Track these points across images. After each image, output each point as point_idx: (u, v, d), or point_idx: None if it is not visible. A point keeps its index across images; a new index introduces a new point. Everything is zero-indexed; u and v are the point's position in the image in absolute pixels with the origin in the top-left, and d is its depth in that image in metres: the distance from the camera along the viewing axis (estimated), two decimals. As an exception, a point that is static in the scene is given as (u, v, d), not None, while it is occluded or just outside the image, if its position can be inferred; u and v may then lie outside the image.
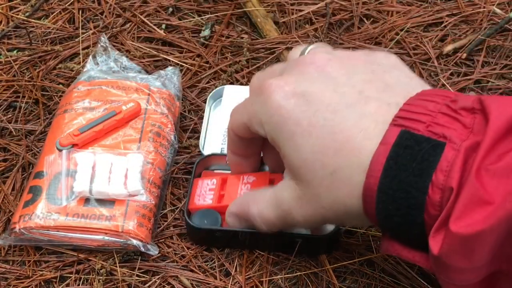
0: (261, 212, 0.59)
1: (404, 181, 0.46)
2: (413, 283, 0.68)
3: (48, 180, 0.73)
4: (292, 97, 0.52)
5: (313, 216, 0.54)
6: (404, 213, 0.47)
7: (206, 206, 0.67)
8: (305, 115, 0.51)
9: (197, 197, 0.68)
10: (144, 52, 0.92)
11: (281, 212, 0.57)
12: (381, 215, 0.48)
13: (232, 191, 0.66)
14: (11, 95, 0.88)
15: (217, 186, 0.68)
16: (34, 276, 0.70)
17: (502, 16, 0.94)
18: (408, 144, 0.46)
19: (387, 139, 0.47)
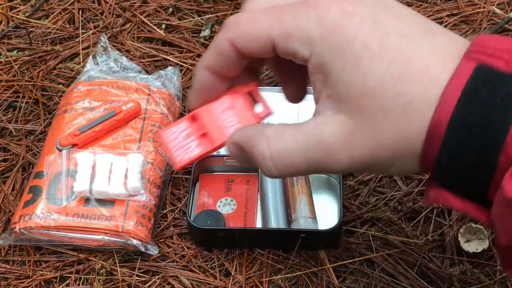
0: (279, 153, 0.46)
1: (486, 116, 0.41)
2: (413, 283, 0.68)
3: (48, 180, 0.73)
4: (355, 15, 0.44)
5: (362, 157, 0.45)
6: (478, 153, 0.41)
7: (198, 156, 0.49)
8: (375, 37, 0.44)
9: (177, 152, 0.50)
10: (144, 52, 0.92)
11: (316, 153, 0.46)
12: (445, 155, 0.42)
13: (214, 123, 0.50)
14: (11, 95, 0.88)
15: (191, 127, 0.50)
16: (34, 276, 0.70)
17: (502, 16, 0.94)
18: (488, 78, 0.41)
19: (461, 71, 0.42)
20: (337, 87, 0.45)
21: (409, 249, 0.70)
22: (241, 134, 0.49)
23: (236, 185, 0.75)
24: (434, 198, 0.45)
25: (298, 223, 0.69)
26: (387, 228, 0.72)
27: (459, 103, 0.41)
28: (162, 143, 0.51)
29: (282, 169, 0.47)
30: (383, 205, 0.74)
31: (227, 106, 0.50)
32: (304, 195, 0.71)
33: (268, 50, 0.47)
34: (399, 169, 0.46)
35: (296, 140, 0.46)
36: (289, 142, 0.46)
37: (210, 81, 0.50)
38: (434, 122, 0.42)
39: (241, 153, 0.49)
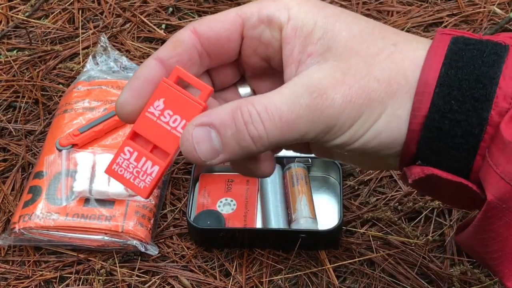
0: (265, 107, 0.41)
1: (474, 72, 0.41)
2: (413, 283, 0.68)
3: (48, 180, 0.73)
4: None
5: (356, 94, 0.41)
6: (469, 108, 0.41)
7: (159, 175, 0.44)
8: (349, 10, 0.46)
9: (136, 181, 0.44)
10: (144, 52, 0.92)
11: (307, 97, 0.41)
12: (436, 114, 0.41)
13: (159, 134, 0.44)
14: (11, 95, 0.88)
15: (136, 149, 0.44)
16: (34, 276, 0.70)
17: (502, 16, 0.94)
18: (468, 42, 0.42)
19: (440, 38, 0.43)
20: (321, 40, 0.43)
21: (410, 249, 0.70)
22: (207, 113, 0.42)
23: (236, 185, 0.75)
24: (419, 172, 0.43)
25: (298, 223, 0.69)
26: (387, 228, 0.72)
27: (446, 62, 0.41)
28: (116, 180, 0.45)
29: (271, 125, 0.41)
30: (383, 205, 0.74)
31: (162, 107, 0.43)
32: (304, 195, 0.71)
33: (234, 30, 0.44)
34: (390, 118, 0.42)
35: (282, 93, 0.42)
36: (275, 96, 0.42)
37: (154, 71, 0.44)
38: (422, 80, 0.42)
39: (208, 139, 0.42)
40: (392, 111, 0.42)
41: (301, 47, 0.43)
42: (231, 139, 0.41)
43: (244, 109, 0.41)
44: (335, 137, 0.43)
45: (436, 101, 0.41)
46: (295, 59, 0.43)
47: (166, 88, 0.43)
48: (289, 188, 0.72)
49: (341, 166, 0.74)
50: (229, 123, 0.41)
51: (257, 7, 0.44)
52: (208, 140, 0.41)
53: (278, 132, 0.41)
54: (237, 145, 0.41)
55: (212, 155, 0.42)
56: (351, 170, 0.77)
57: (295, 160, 0.74)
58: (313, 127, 0.42)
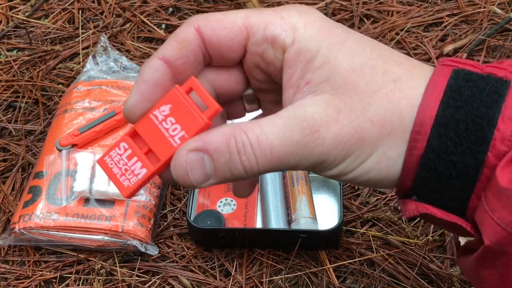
0: (257, 138, 0.41)
1: (472, 113, 0.40)
2: (413, 284, 0.68)
3: (48, 180, 0.73)
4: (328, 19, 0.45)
5: (348, 135, 0.42)
6: (465, 150, 0.41)
7: (144, 178, 0.43)
8: (355, 32, 0.45)
9: (122, 177, 0.44)
10: (144, 52, 0.92)
11: (298, 132, 0.41)
12: (431, 154, 0.41)
13: (156, 139, 0.43)
14: (11, 95, 0.88)
15: (132, 147, 0.44)
16: (34, 276, 0.70)
17: (502, 16, 0.94)
18: (469, 78, 0.42)
19: (440, 72, 0.42)
20: (321, 69, 0.43)
21: (410, 249, 0.70)
22: (201, 137, 0.42)
23: (236, 185, 0.75)
24: (413, 209, 0.43)
25: (298, 223, 0.69)
26: (387, 228, 0.72)
27: (444, 100, 0.41)
28: (104, 171, 0.44)
29: (262, 157, 0.42)
30: (384, 205, 0.74)
31: (167, 113, 0.43)
32: (304, 195, 0.71)
33: (238, 41, 0.44)
34: (380, 159, 0.42)
35: (275, 124, 0.42)
36: (268, 127, 0.42)
37: (162, 74, 0.43)
38: (419, 119, 0.41)
39: (201, 164, 0.41)
40: (382, 152, 0.42)
41: (301, 73, 0.43)
42: (224, 166, 0.42)
43: (238, 138, 0.41)
44: (325, 170, 0.43)
45: (432, 142, 0.41)
46: (294, 84, 0.43)
47: (176, 96, 0.42)
48: (289, 188, 0.72)
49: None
50: (223, 150, 0.41)
51: (264, 23, 0.43)
52: (201, 166, 0.41)
53: (268, 164, 0.42)
54: (229, 172, 0.42)
55: (203, 180, 0.42)
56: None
57: (295, 160, 0.74)
58: (302, 161, 0.42)
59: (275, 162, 0.42)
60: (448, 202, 0.43)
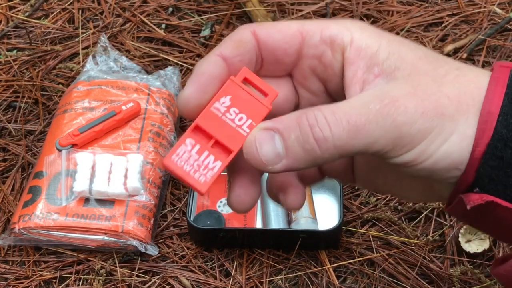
0: (335, 110, 0.40)
1: None
2: (413, 284, 0.68)
3: (47, 180, 0.73)
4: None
5: (429, 106, 0.41)
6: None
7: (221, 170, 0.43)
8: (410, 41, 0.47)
9: (196, 174, 0.43)
10: (144, 52, 0.92)
11: (380, 103, 0.40)
12: (498, 142, 0.41)
13: (224, 131, 0.43)
14: (11, 95, 0.88)
15: (198, 142, 0.43)
16: (33, 277, 0.70)
17: (502, 16, 0.94)
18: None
19: (499, 71, 0.43)
20: (387, 61, 0.42)
21: (410, 249, 0.70)
22: (272, 120, 0.41)
23: (236, 185, 0.75)
24: (478, 199, 0.42)
25: (298, 223, 0.69)
26: (387, 228, 0.72)
27: (508, 92, 0.41)
28: (174, 171, 0.42)
29: (337, 127, 0.40)
30: (384, 205, 0.74)
31: (228, 104, 0.43)
32: (304, 195, 0.71)
33: (293, 45, 0.44)
34: (461, 138, 0.41)
35: (350, 102, 0.41)
36: (343, 104, 0.41)
37: (220, 68, 0.43)
38: (485, 110, 0.41)
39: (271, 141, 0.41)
40: (463, 130, 0.41)
41: (366, 68, 0.42)
42: (295, 142, 0.40)
43: (310, 113, 0.40)
44: (403, 151, 0.41)
45: (500, 130, 0.41)
46: (360, 79, 0.42)
47: (233, 86, 0.43)
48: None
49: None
50: (294, 126, 0.40)
51: (320, 27, 0.44)
52: (271, 143, 0.41)
53: (345, 135, 0.40)
54: (301, 148, 0.40)
55: (275, 159, 0.41)
56: (351, 170, 0.77)
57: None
58: (383, 134, 0.40)
59: (353, 132, 0.40)
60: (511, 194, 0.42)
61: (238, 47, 0.44)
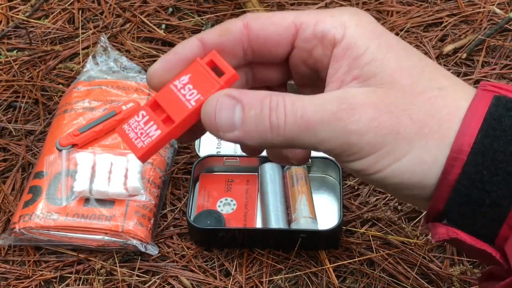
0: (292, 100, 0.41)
1: (511, 143, 0.40)
2: (413, 283, 0.68)
3: (48, 180, 0.73)
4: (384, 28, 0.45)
5: (384, 123, 0.40)
6: (500, 180, 0.40)
7: (158, 139, 0.44)
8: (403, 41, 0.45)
9: (138, 140, 0.45)
10: (144, 52, 0.92)
11: (337, 106, 0.40)
12: (466, 181, 0.41)
13: (174, 105, 0.44)
14: (11, 95, 0.88)
15: (151, 115, 0.45)
16: (34, 276, 0.70)
17: (502, 16, 0.94)
18: (510, 107, 0.41)
19: (480, 98, 0.41)
20: (368, 66, 0.42)
21: (409, 249, 0.70)
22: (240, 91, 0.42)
23: (236, 185, 0.75)
24: (444, 233, 0.42)
25: (298, 223, 0.69)
26: (387, 228, 0.72)
27: (483, 128, 0.40)
28: (123, 137, 0.45)
29: (292, 119, 0.41)
30: (383, 205, 0.74)
31: (185, 82, 0.44)
32: (304, 195, 0.71)
33: (286, 37, 0.44)
34: (415, 161, 0.41)
35: (315, 97, 0.41)
36: (307, 98, 0.41)
37: (194, 52, 0.44)
38: (456, 145, 0.41)
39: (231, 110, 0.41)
40: (418, 154, 0.41)
41: (348, 68, 0.42)
42: (252, 118, 0.41)
43: (274, 97, 0.41)
44: (352, 159, 0.42)
45: (468, 169, 0.40)
46: (339, 78, 0.43)
47: (196, 67, 0.44)
48: (289, 188, 0.72)
49: (340, 166, 0.74)
50: (256, 104, 0.41)
51: (314, 20, 0.43)
52: (230, 111, 0.41)
53: (296, 128, 0.41)
54: (255, 127, 0.41)
55: (229, 127, 0.42)
56: (351, 170, 0.77)
57: (295, 160, 0.74)
58: (332, 137, 0.41)
59: (303, 128, 0.40)
60: (479, 229, 0.42)
61: (221, 36, 0.44)
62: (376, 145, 0.41)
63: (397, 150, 0.41)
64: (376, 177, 0.42)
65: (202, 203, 0.73)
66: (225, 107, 0.41)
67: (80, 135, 0.76)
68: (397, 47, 0.43)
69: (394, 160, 0.41)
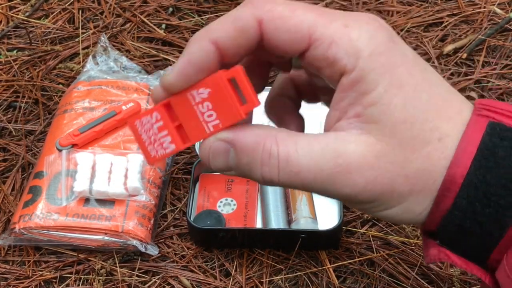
0: (287, 155, 0.41)
1: (504, 177, 0.40)
2: (413, 283, 0.68)
3: (48, 180, 0.73)
4: (401, 43, 0.43)
5: (380, 184, 0.41)
6: (492, 212, 0.40)
7: (171, 153, 0.44)
8: (417, 69, 0.42)
9: (150, 147, 0.45)
10: (144, 52, 0.92)
11: (331, 167, 0.41)
12: (458, 212, 0.41)
13: (190, 119, 0.43)
14: (11, 95, 0.88)
15: (164, 119, 0.44)
16: (34, 276, 0.70)
17: (502, 16, 0.94)
18: (504, 136, 0.40)
19: (474, 126, 0.41)
20: (373, 107, 0.41)
21: (410, 249, 0.70)
22: (234, 131, 0.42)
23: (236, 185, 0.75)
24: (435, 255, 0.43)
25: (298, 223, 0.69)
26: (387, 228, 0.72)
27: (477, 159, 0.40)
28: (135, 134, 0.44)
29: (285, 175, 0.41)
30: (384, 205, 0.74)
31: (205, 97, 0.42)
32: (304, 195, 0.71)
33: (299, 48, 0.42)
34: (404, 211, 0.42)
35: (311, 148, 0.41)
36: (302, 147, 0.41)
37: (210, 60, 0.41)
38: (449, 176, 0.41)
39: (225, 155, 0.42)
40: (407, 205, 0.42)
41: (352, 101, 0.41)
42: (245, 166, 0.42)
43: (267, 146, 0.41)
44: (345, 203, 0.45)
45: (460, 200, 0.41)
46: (342, 108, 0.42)
47: (217, 82, 0.41)
48: (289, 188, 0.72)
49: None
50: (249, 152, 0.41)
51: (330, 40, 0.41)
52: (224, 156, 0.42)
53: (288, 181, 0.41)
54: (248, 172, 0.42)
55: (225, 169, 0.42)
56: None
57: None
58: (325, 193, 0.42)
59: (297, 183, 0.41)
60: (470, 252, 0.42)
61: (236, 39, 0.41)
62: (369, 201, 0.42)
63: (387, 203, 0.42)
64: (368, 213, 0.44)
65: (202, 203, 0.73)
66: (218, 152, 0.42)
67: (80, 135, 0.76)
68: (407, 86, 0.41)
69: (384, 209, 0.42)
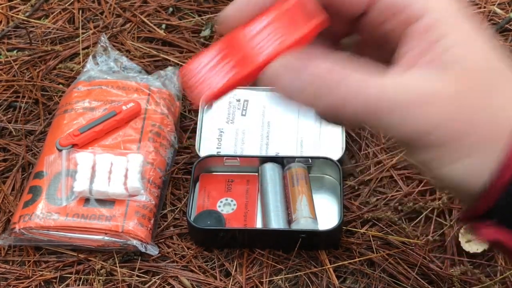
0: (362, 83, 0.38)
1: None
2: (413, 283, 0.68)
3: (48, 180, 0.73)
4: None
5: (457, 122, 0.38)
6: None
7: (223, 87, 0.39)
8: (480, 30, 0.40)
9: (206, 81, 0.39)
10: (144, 52, 0.92)
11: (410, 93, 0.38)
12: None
13: (249, 45, 0.39)
14: (11, 95, 0.88)
15: (222, 51, 0.39)
16: (34, 277, 0.70)
17: (502, 16, 0.94)
18: None
19: None
20: (450, 52, 0.39)
21: (410, 250, 0.70)
22: (308, 56, 0.39)
23: (236, 185, 0.75)
24: (494, 237, 0.40)
25: (298, 223, 0.69)
26: (387, 228, 0.72)
27: None
28: (184, 78, 0.39)
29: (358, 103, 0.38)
30: (384, 205, 0.74)
31: (268, 21, 0.38)
32: (304, 195, 0.71)
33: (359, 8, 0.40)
34: (468, 168, 0.38)
35: (385, 77, 0.38)
36: (375, 77, 0.38)
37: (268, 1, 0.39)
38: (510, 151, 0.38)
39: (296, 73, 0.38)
40: (473, 162, 0.39)
41: (424, 50, 0.39)
42: (312, 94, 0.39)
43: (340, 72, 0.38)
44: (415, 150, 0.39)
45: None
46: (410, 58, 0.39)
47: (282, 4, 0.38)
48: (289, 188, 0.72)
49: (341, 166, 0.74)
50: (321, 78, 0.38)
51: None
52: (294, 78, 0.39)
53: (359, 111, 0.38)
54: (315, 100, 0.39)
55: (291, 94, 0.39)
56: (351, 170, 0.77)
57: (295, 160, 0.74)
58: (399, 126, 0.38)
59: (369, 113, 0.38)
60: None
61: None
62: (439, 142, 0.38)
63: (457, 152, 0.39)
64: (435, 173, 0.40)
65: (202, 203, 0.73)
66: (288, 73, 0.39)
67: (80, 135, 0.76)
68: (478, 41, 0.40)
69: (449, 162, 0.39)
